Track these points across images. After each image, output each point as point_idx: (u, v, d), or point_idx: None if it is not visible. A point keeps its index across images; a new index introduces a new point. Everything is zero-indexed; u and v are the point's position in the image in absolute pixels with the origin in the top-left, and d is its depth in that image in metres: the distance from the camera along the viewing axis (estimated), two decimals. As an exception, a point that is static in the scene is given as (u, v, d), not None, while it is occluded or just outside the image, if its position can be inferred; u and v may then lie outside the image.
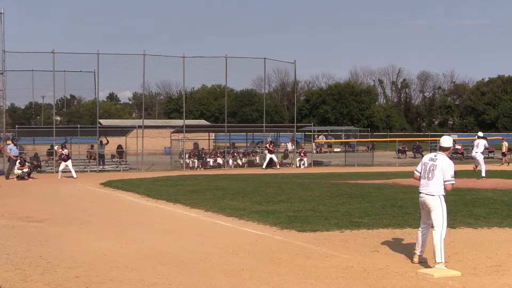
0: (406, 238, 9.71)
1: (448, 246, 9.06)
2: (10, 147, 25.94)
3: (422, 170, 7.99)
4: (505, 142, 36.46)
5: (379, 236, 9.89)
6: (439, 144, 8.16)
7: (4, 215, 13.14)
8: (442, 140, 8.15)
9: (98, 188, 20.32)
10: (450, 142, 8.09)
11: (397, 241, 9.49)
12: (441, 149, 8.07)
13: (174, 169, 30.57)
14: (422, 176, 7.96)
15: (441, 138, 8.26)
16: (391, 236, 9.97)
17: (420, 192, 7.94)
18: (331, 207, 13.48)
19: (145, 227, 11.39)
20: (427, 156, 8.19)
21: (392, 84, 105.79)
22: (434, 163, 7.86)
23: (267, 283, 7.01)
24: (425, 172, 7.92)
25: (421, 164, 8.09)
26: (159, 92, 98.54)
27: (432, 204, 7.78)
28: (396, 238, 9.73)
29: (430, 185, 7.80)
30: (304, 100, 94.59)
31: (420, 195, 7.95)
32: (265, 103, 39.05)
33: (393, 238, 9.78)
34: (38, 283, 7.01)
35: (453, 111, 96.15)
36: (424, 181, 7.91)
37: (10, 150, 25.69)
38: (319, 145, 54.83)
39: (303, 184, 20.16)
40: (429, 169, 7.87)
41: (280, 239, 9.80)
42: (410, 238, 9.65)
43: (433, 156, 8.02)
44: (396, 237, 9.85)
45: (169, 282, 7.04)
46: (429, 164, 7.90)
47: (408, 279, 7.16)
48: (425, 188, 7.87)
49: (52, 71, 28.66)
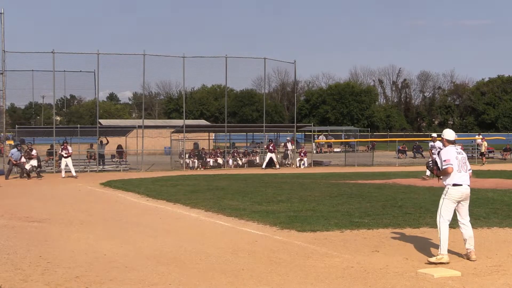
0: (406, 238, 9.71)
1: (448, 246, 9.08)
2: (12, 151, 25.91)
3: (456, 164, 8.20)
4: (485, 142, 36.80)
5: (379, 236, 9.88)
6: (450, 138, 8.46)
7: (4, 215, 13.14)
8: (451, 134, 8.53)
9: (98, 188, 20.32)
10: (455, 134, 8.60)
11: (397, 241, 9.49)
12: (452, 142, 8.44)
13: (174, 169, 30.58)
14: (458, 169, 8.19)
15: (448, 132, 8.58)
16: (391, 236, 9.96)
17: (462, 184, 8.17)
18: (331, 207, 13.47)
19: (145, 227, 11.39)
20: (452, 149, 8.37)
21: (392, 84, 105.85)
22: (463, 155, 8.34)
23: (267, 283, 7.01)
24: (460, 166, 8.20)
25: (452, 158, 8.25)
26: (159, 92, 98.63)
27: (469, 194, 8.34)
28: (396, 238, 9.73)
29: (467, 177, 8.27)
30: (304, 100, 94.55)
31: (462, 187, 8.17)
32: (265, 103, 39.04)
33: (393, 238, 9.78)
34: (38, 283, 7.01)
35: (453, 111, 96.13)
36: (462, 174, 8.20)
37: (11, 154, 25.65)
38: (319, 145, 54.84)
39: (303, 184, 20.16)
40: (461, 161, 8.24)
41: (280, 239, 9.80)
42: (410, 238, 9.66)
43: (457, 149, 8.41)
44: (396, 237, 9.85)
45: (169, 282, 7.04)
46: (460, 157, 8.26)
47: (408, 279, 7.16)
48: (465, 180, 8.22)
49: (52, 71, 28.65)
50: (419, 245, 9.07)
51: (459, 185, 8.15)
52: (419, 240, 9.49)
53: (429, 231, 10.38)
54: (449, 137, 8.49)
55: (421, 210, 12.69)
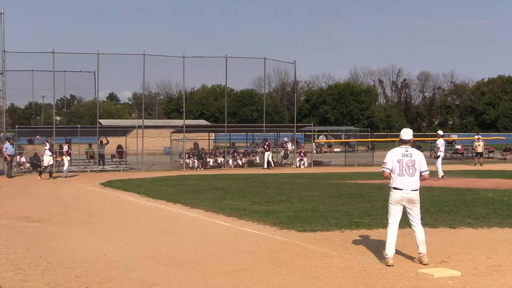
0: (406, 238, 9.69)
1: (448, 246, 9.09)
2: (6, 146, 25.86)
3: (396, 167, 7.93)
4: (481, 142, 35.26)
5: (379, 236, 9.87)
6: (403, 138, 8.13)
7: (4, 215, 13.14)
8: (405, 133, 8.17)
9: (98, 188, 20.32)
10: (411, 134, 8.17)
11: (397, 241, 9.46)
12: (405, 142, 8.10)
13: (174, 169, 30.58)
14: (399, 173, 7.91)
15: (403, 131, 8.26)
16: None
17: (402, 189, 7.89)
18: (331, 207, 13.47)
19: (145, 227, 11.39)
20: (397, 152, 8.05)
21: (392, 84, 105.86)
22: (412, 159, 7.93)
23: (267, 283, 7.01)
24: (402, 169, 7.90)
25: (393, 161, 7.98)
26: (159, 92, 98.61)
27: (417, 198, 7.97)
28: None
29: (412, 181, 7.90)
30: (304, 100, 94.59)
31: (402, 192, 7.90)
32: (265, 103, 39.05)
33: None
34: (38, 283, 7.01)
35: (453, 111, 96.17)
36: (404, 178, 7.89)
37: (6, 149, 25.56)
38: (319, 145, 54.84)
39: (303, 184, 20.16)
40: (407, 165, 7.90)
41: (280, 239, 9.80)
42: (410, 238, 9.63)
43: (403, 151, 8.01)
44: (396, 237, 9.81)
45: (169, 282, 7.04)
46: (406, 160, 7.92)
47: (408, 279, 7.16)
48: (407, 184, 7.88)
49: (52, 71, 28.67)
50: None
51: (399, 189, 7.93)
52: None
53: (429, 231, 10.38)
54: (402, 136, 8.17)
55: (420, 210, 12.65)
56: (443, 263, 7.99)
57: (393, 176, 8.01)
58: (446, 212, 12.35)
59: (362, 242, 9.46)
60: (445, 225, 11.01)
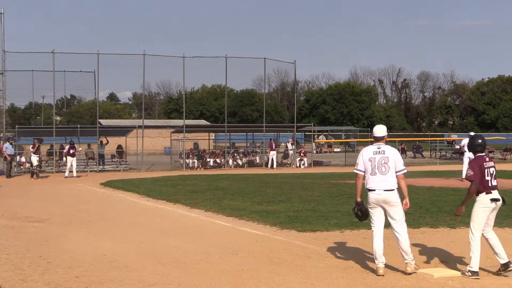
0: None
1: (448, 246, 9.08)
2: (6, 145, 25.91)
3: (368, 166, 7.41)
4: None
5: (379, 236, 9.86)
6: (375, 135, 7.57)
7: (4, 215, 13.14)
8: (377, 130, 7.59)
9: (98, 188, 20.32)
10: (385, 130, 7.63)
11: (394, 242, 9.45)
12: (377, 140, 7.55)
13: (174, 169, 30.58)
14: (371, 172, 7.36)
15: (375, 127, 7.69)
16: (391, 236, 9.93)
17: (375, 189, 7.34)
18: (331, 207, 13.48)
19: (145, 227, 11.39)
20: (368, 150, 7.52)
21: (392, 84, 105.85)
22: (384, 156, 7.35)
23: (267, 283, 7.01)
24: (375, 168, 7.35)
25: (364, 160, 7.47)
26: (159, 92, 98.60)
27: (393, 199, 7.32)
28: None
29: (386, 180, 7.29)
30: (304, 100, 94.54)
31: (375, 192, 7.35)
32: (265, 103, 39.06)
33: (393, 238, 9.74)
34: (38, 283, 7.01)
35: (453, 111, 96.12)
36: (376, 177, 7.34)
37: (6, 148, 25.64)
38: (319, 145, 54.84)
39: (303, 184, 20.16)
40: (379, 163, 7.33)
41: (280, 239, 9.80)
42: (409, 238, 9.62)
43: (375, 149, 7.45)
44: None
45: (169, 282, 7.04)
46: (378, 158, 7.35)
47: (408, 279, 7.16)
48: (380, 184, 7.31)
49: (52, 71, 28.67)
50: (418, 245, 9.05)
51: (372, 190, 7.39)
52: (419, 240, 9.47)
53: (429, 231, 10.40)
54: (374, 133, 7.61)
55: (421, 210, 12.68)
56: (443, 263, 7.99)
57: (366, 176, 7.47)
58: (446, 212, 12.33)
59: (362, 242, 9.46)
60: (445, 225, 11.00)
